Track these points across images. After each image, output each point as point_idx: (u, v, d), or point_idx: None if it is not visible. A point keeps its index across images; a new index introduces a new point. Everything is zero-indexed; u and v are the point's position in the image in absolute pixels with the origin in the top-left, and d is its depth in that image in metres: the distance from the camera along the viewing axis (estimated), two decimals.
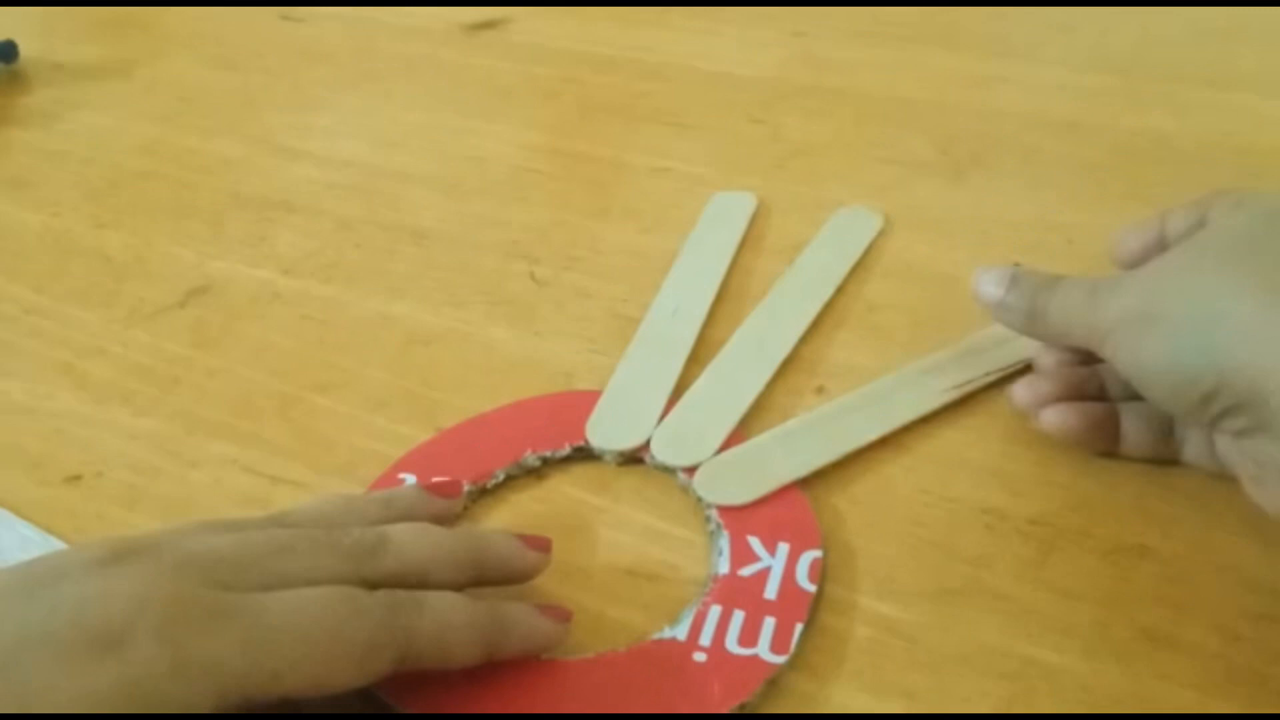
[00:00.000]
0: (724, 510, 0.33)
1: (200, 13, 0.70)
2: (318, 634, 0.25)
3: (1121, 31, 0.60)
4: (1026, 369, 0.37)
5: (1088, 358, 0.34)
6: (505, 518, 0.34)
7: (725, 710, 0.27)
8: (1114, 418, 0.34)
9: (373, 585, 0.26)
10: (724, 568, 0.31)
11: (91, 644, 0.22)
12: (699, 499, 0.33)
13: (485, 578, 0.29)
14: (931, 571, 0.31)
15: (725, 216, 0.46)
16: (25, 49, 0.64)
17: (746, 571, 0.31)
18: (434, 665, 0.27)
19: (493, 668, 0.28)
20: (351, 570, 0.27)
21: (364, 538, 0.28)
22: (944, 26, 0.63)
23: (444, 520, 0.31)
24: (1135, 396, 0.33)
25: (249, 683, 0.23)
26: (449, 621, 0.27)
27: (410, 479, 0.34)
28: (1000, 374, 0.37)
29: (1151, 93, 0.54)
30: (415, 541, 0.28)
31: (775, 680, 0.28)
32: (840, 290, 0.42)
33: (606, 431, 0.35)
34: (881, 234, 0.45)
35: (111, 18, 0.71)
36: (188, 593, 0.24)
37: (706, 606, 0.30)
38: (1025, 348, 0.38)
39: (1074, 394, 0.34)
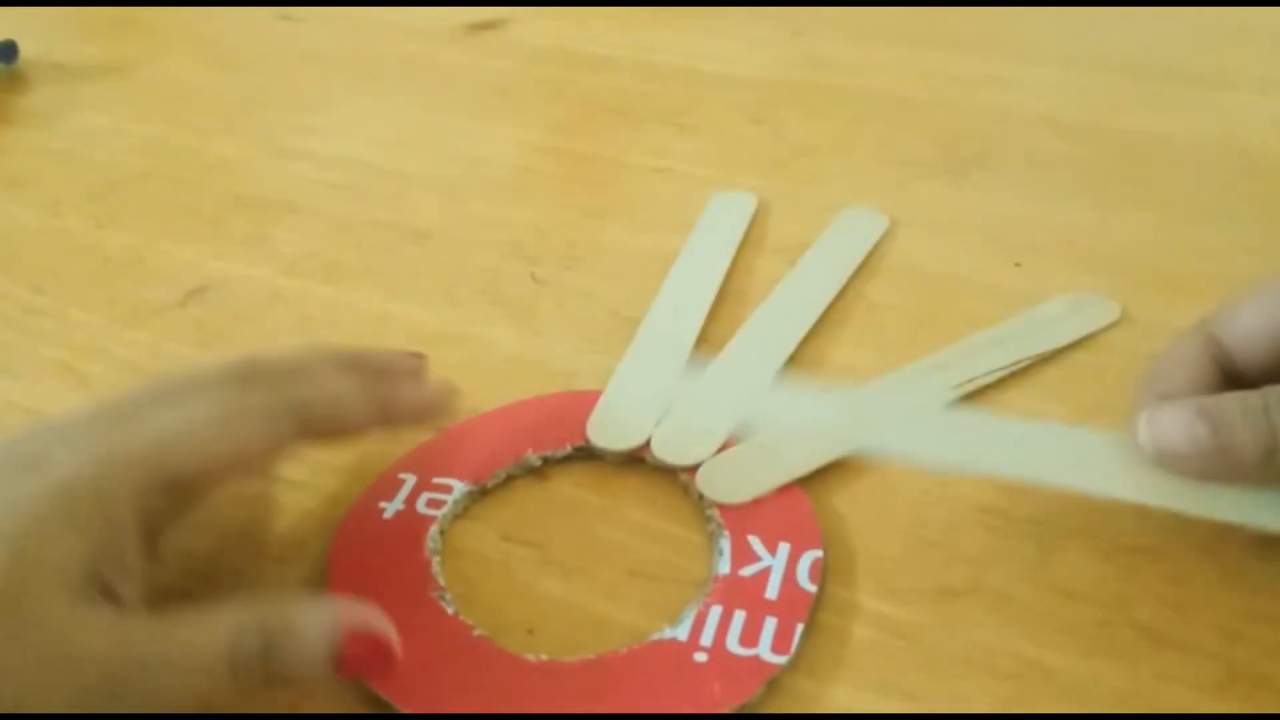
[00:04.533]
0: (725, 510, 0.33)
1: (200, 13, 0.70)
2: (220, 410, 0.27)
3: (1121, 31, 0.61)
4: (1027, 369, 0.37)
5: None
6: (506, 517, 0.34)
7: (726, 711, 0.27)
8: None
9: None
10: (725, 568, 0.31)
11: (19, 466, 0.25)
12: (700, 497, 0.33)
13: (391, 410, 0.32)
14: (931, 571, 0.31)
15: (725, 216, 0.46)
16: (25, 49, 0.64)
17: (747, 571, 0.31)
18: (334, 431, 0.30)
19: (491, 667, 0.28)
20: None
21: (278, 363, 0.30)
22: (944, 26, 0.63)
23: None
24: None
25: (168, 459, 0.26)
26: (337, 388, 0.30)
27: (411, 479, 0.34)
28: (1000, 373, 0.37)
29: (1151, 93, 0.54)
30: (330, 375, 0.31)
31: (775, 680, 0.28)
32: (841, 290, 0.42)
33: (608, 431, 0.36)
34: (883, 234, 0.45)
35: (111, 18, 0.71)
36: (99, 412, 0.27)
37: (707, 607, 0.30)
38: (1025, 347, 0.38)
39: None
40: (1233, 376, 0.29)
